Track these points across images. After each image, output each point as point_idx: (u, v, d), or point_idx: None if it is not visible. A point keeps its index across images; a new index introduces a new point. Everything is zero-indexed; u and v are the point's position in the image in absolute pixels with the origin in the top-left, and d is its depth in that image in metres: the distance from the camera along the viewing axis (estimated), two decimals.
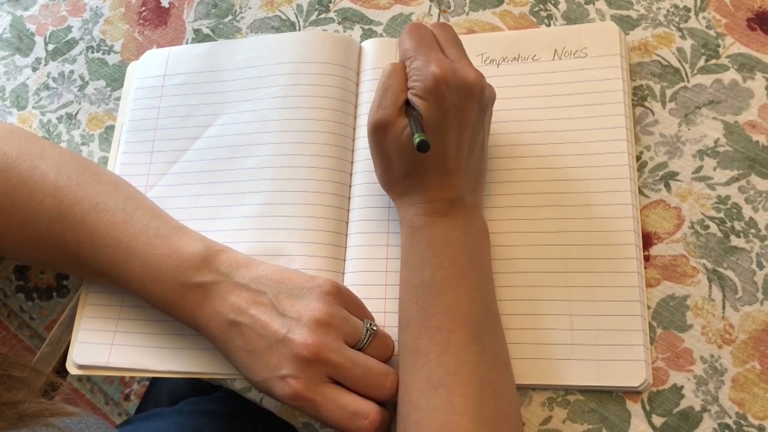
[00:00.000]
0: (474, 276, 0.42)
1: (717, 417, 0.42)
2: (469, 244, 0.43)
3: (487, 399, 0.39)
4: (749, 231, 0.46)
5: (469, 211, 0.44)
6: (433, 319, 0.41)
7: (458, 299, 0.41)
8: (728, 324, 0.44)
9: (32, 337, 1.32)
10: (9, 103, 0.60)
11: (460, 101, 0.42)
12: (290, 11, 0.58)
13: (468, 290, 0.42)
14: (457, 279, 0.42)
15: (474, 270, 0.43)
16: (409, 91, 0.43)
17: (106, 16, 0.62)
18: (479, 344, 0.41)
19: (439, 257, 0.42)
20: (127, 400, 1.26)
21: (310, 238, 0.48)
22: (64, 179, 0.46)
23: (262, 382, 0.41)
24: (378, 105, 0.44)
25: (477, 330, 0.41)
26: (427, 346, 0.40)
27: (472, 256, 0.43)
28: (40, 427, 0.34)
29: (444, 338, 0.40)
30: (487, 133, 0.46)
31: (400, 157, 0.44)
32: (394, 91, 0.43)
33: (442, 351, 0.40)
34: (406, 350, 0.41)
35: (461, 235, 0.43)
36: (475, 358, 0.40)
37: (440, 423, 0.38)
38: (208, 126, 0.54)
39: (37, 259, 0.49)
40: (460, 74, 0.42)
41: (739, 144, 0.48)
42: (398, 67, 0.44)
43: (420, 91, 0.42)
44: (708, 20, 0.52)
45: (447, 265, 0.42)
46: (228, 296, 0.42)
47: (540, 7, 0.54)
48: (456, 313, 0.41)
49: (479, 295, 0.42)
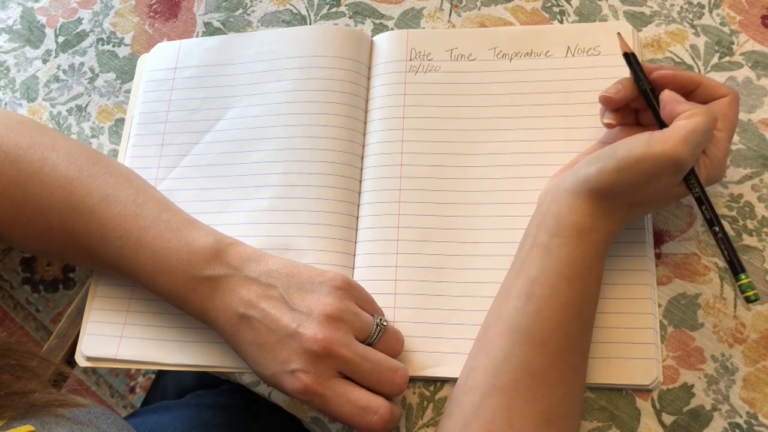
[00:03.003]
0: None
1: (728, 416, 0.42)
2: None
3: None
4: (762, 230, 0.46)
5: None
6: (575, 355, 0.40)
7: (590, 338, 0.42)
8: (740, 323, 0.44)
9: (38, 329, 1.32)
10: (19, 95, 0.60)
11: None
12: (301, 5, 0.58)
13: (592, 327, 0.42)
14: (594, 313, 0.42)
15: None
16: (704, 161, 0.41)
17: (117, 9, 0.62)
18: (585, 381, 0.42)
19: (599, 292, 0.42)
20: (133, 392, 1.27)
21: (320, 232, 0.48)
22: (75, 170, 0.46)
23: (271, 377, 0.41)
24: (692, 144, 0.38)
25: (586, 369, 0.42)
26: (557, 380, 0.39)
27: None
28: (48, 417, 0.34)
29: (572, 378, 0.39)
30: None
31: (654, 196, 0.41)
32: (705, 145, 0.40)
33: (567, 390, 0.39)
34: (530, 372, 0.38)
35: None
36: (583, 396, 0.41)
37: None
38: (218, 119, 0.53)
39: (47, 250, 0.49)
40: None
41: (752, 142, 0.48)
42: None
43: (705, 182, 0.41)
44: (722, 17, 0.51)
45: (597, 301, 0.42)
46: (238, 290, 0.42)
47: (552, 3, 0.54)
48: (587, 356, 0.41)
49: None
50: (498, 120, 0.50)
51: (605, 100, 0.44)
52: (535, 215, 0.43)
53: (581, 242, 0.40)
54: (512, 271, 0.42)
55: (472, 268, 0.47)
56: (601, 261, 0.41)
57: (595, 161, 0.41)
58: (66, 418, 0.35)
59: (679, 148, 0.38)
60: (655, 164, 0.39)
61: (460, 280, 0.46)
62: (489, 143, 0.50)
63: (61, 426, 0.34)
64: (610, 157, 0.40)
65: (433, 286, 0.47)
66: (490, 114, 0.50)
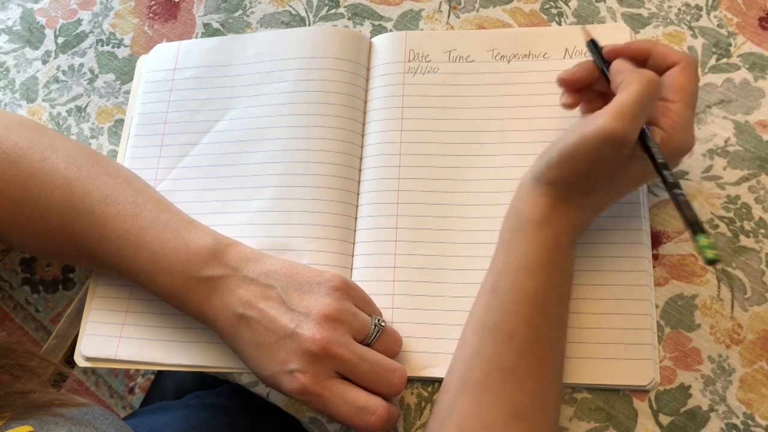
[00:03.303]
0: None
1: (724, 417, 0.42)
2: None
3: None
4: (759, 231, 0.46)
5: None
6: (544, 348, 0.40)
7: (564, 331, 0.42)
8: (737, 324, 0.44)
9: (37, 329, 1.32)
10: (19, 96, 0.60)
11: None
12: (300, 6, 0.58)
13: (565, 320, 0.42)
14: (565, 304, 0.42)
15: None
16: (660, 135, 0.40)
17: (116, 10, 0.62)
18: (561, 375, 0.42)
19: (567, 284, 0.42)
20: (132, 393, 1.27)
21: (319, 233, 0.48)
22: (74, 171, 0.46)
23: (269, 377, 0.41)
24: (628, 115, 0.38)
25: (562, 362, 0.42)
26: (527, 372, 0.39)
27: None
28: (47, 417, 0.35)
29: (544, 371, 0.40)
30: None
31: (609, 178, 0.40)
32: (647, 113, 0.39)
33: (539, 382, 0.39)
34: (498, 366, 0.39)
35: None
36: (559, 390, 0.41)
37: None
38: (217, 120, 0.54)
39: (47, 250, 0.49)
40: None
41: (749, 144, 0.48)
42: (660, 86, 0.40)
43: (670, 155, 0.40)
44: (719, 19, 0.52)
45: (567, 293, 0.42)
46: (237, 290, 0.42)
47: (551, 5, 0.54)
48: (560, 348, 0.41)
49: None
50: (496, 121, 0.50)
51: (561, 81, 0.45)
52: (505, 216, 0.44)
53: (540, 234, 0.41)
54: (487, 271, 0.43)
55: (470, 268, 0.47)
56: (564, 252, 0.41)
57: (544, 154, 0.42)
58: (65, 418, 0.36)
59: (611, 124, 0.37)
60: (592, 146, 0.38)
61: (459, 281, 0.47)
62: (487, 144, 0.50)
63: (60, 426, 0.34)
64: (553, 148, 0.41)
65: (432, 286, 0.47)
66: (488, 115, 0.50)
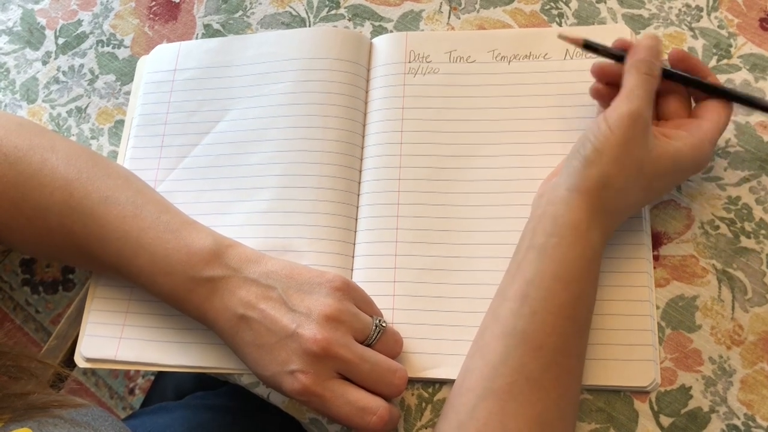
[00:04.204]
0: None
1: (725, 418, 0.42)
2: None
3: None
4: (759, 232, 0.46)
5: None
6: (571, 359, 0.40)
7: (587, 340, 0.42)
8: (737, 325, 0.44)
9: (37, 330, 1.32)
10: (19, 97, 0.60)
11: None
12: (300, 7, 0.58)
13: (589, 328, 0.42)
14: (591, 313, 0.42)
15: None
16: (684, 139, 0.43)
17: (117, 11, 0.62)
18: (581, 383, 0.42)
19: (595, 293, 0.42)
20: (132, 394, 1.27)
21: (319, 234, 0.48)
22: (74, 172, 0.46)
23: (270, 377, 0.41)
24: (635, 95, 0.42)
25: (582, 371, 0.42)
26: (552, 383, 0.39)
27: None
28: (46, 419, 0.35)
29: (568, 382, 0.39)
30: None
31: (641, 170, 0.42)
32: (654, 83, 0.43)
33: (562, 393, 0.39)
34: (525, 375, 0.38)
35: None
36: (578, 398, 0.41)
37: None
38: (217, 121, 0.54)
39: (47, 251, 0.49)
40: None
41: (750, 144, 0.48)
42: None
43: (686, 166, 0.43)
44: (720, 20, 0.52)
45: (594, 302, 0.42)
46: (237, 291, 0.42)
47: (551, 5, 0.54)
48: (583, 358, 0.41)
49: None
50: (496, 122, 0.50)
51: (594, 70, 0.46)
52: (530, 220, 0.43)
53: (578, 242, 0.40)
54: (509, 273, 0.42)
55: (471, 269, 0.47)
56: (597, 262, 0.41)
57: (575, 154, 0.42)
58: (64, 419, 0.35)
59: (625, 105, 0.41)
60: (619, 129, 0.40)
61: (459, 282, 0.47)
62: (487, 145, 0.50)
63: (59, 428, 0.34)
64: (585, 145, 0.41)
65: (432, 287, 0.47)
66: (488, 116, 0.50)
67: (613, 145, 0.40)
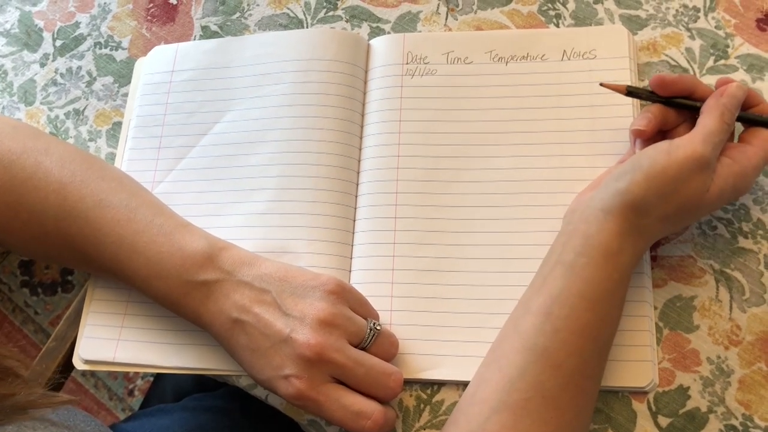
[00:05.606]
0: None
1: (723, 418, 0.42)
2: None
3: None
4: (757, 232, 0.46)
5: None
6: (589, 380, 0.40)
7: (605, 363, 0.41)
8: (735, 325, 0.44)
9: (36, 332, 1.32)
10: (17, 99, 0.60)
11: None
12: (298, 8, 0.58)
13: (609, 350, 0.42)
14: (613, 336, 0.42)
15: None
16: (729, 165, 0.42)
17: (114, 13, 0.62)
18: (595, 404, 0.42)
19: (620, 315, 0.42)
20: (131, 395, 1.27)
21: (317, 235, 0.48)
22: (68, 175, 0.46)
23: (266, 381, 0.41)
24: (711, 142, 0.41)
25: (597, 393, 0.42)
26: (568, 403, 0.38)
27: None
28: (28, 421, 0.34)
29: (584, 403, 0.39)
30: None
31: (685, 207, 0.41)
32: (727, 134, 0.42)
33: (576, 414, 0.39)
34: (542, 393, 0.38)
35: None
36: (590, 419, 0.41)
37: None
38: (215, 123, 0.54)
39: (43, 254, 0.49)
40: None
41: None
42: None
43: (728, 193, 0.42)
44: (717, 20, 0.52)
45: (617, 324, 0.42)
46: (231, 294, 0.42)
47: (549, 6, 0.54)
48: (600, 380, 0.41)
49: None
50: (494, 123, 0.50)
51: (638, 133, 0.44)
52: (561, 233, 0.42)
53: (607, 264, 0.40)
54: (533, 286, 0.42)
55: (468, 270, 0.47)
56: (625, 285, 0.41)
57: (622, 175, 0.41)
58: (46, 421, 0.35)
59: (699, 147, 0.40)
60: (680, 168, 0.39)
61: (457, 283, 0.47)
62: (485, 146, 0.50)
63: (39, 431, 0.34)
64: (636, 169, 0.40)
65: (430, 288, 0.47)
66: (486, 117, 0.50)
67: (668, 180, 0.40)
